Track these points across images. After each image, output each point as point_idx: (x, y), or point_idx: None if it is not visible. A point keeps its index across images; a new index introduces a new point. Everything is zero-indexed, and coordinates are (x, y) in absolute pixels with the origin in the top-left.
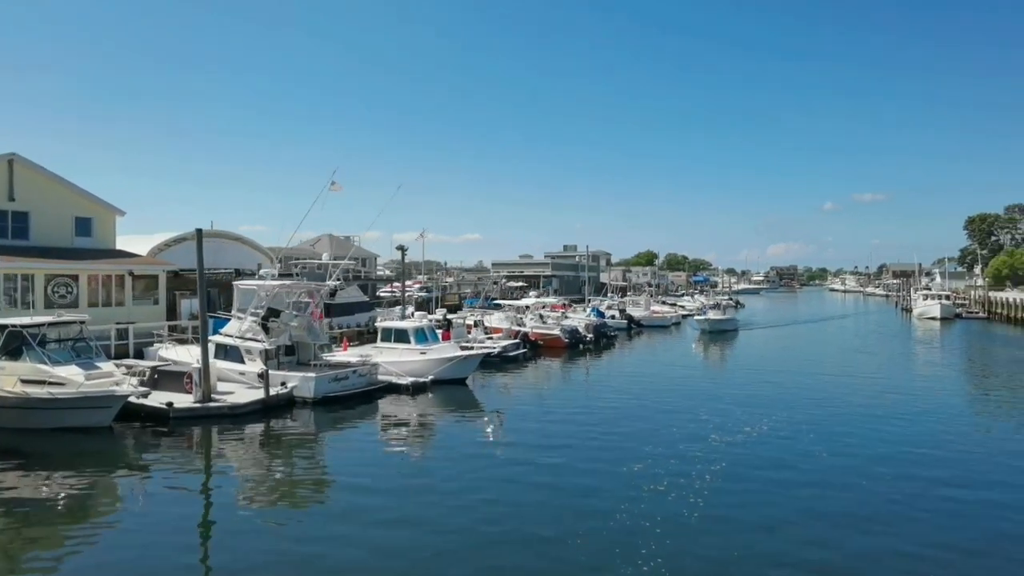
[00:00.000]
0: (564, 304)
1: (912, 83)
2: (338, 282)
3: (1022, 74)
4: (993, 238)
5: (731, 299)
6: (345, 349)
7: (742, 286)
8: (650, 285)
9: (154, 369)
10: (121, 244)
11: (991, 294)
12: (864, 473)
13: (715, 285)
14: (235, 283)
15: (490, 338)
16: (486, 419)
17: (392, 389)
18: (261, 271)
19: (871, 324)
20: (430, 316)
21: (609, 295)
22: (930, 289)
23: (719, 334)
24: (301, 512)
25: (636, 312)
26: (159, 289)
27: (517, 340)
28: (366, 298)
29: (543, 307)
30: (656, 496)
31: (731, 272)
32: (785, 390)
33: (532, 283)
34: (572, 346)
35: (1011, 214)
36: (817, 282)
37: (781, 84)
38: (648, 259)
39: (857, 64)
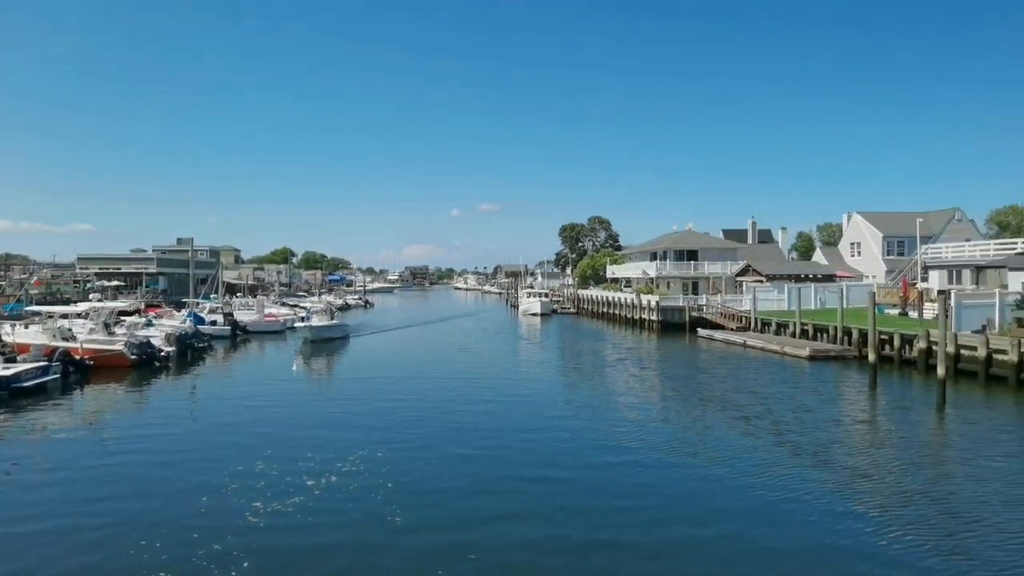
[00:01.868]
0: (147, 306)
1: (517, 103)
2: None
3: (601, 108)
4: (580, 244)
5: (361, 299)
6: None
7: (377, 285)
8: (281, 284)
9: None
10: None
11: (579, 292)
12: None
13: (351, 284)
14: None
15: (13, 359)
16: None
17: None
18: None
19: (485, 321)
20: None
21: (214, 296)
22: (533, 288)
23: (324, 343)
24: None
25: (246, 316)
26: None
27: (50, 361)
28: None
29: (113, 312)
30: None
31: (370, 271)
32: (379, 412)
33: (133, 282)
34: (144, 363)
35: (592, 224)
36: (445, 281)
37: (420, 96)
38: (284, 256)
39: (484, 82)
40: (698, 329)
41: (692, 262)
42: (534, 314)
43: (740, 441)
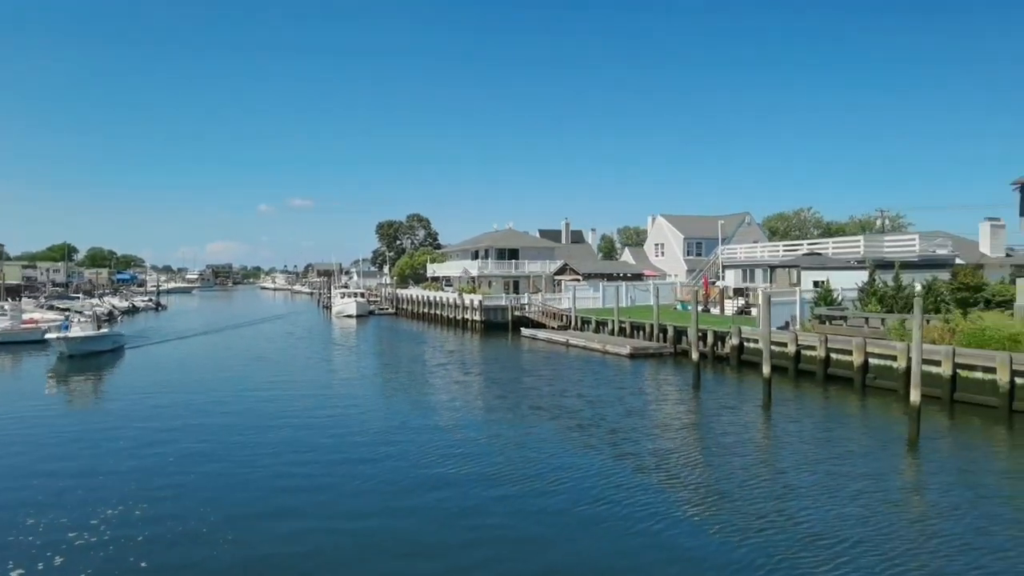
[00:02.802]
0: None
1: (327, 96)
2: None
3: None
4: (398, 242)
5: (152, 300)
6: None
7: (173, 285)
8: (55, 284)
9: None
10: None
11: (398, 292)
12: None
13: (143, 284)
14: None
15: None
16: None
17: None
18: None
19: (293, 325)
20: None
21: None
22: (348, 287)
23: (89, 358)
24: None
25: None
26: None
27: None
28: None
29: None
30: None
31: (167, 270)
32: (144, 448)
33: None
34: None
35: (411, 222)
36: (251, 280)
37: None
38: (63, 253)
39: (291, 79)
40: (521, 328)
41: (513, 261)
42: (349, 316)
43: (578, 456)
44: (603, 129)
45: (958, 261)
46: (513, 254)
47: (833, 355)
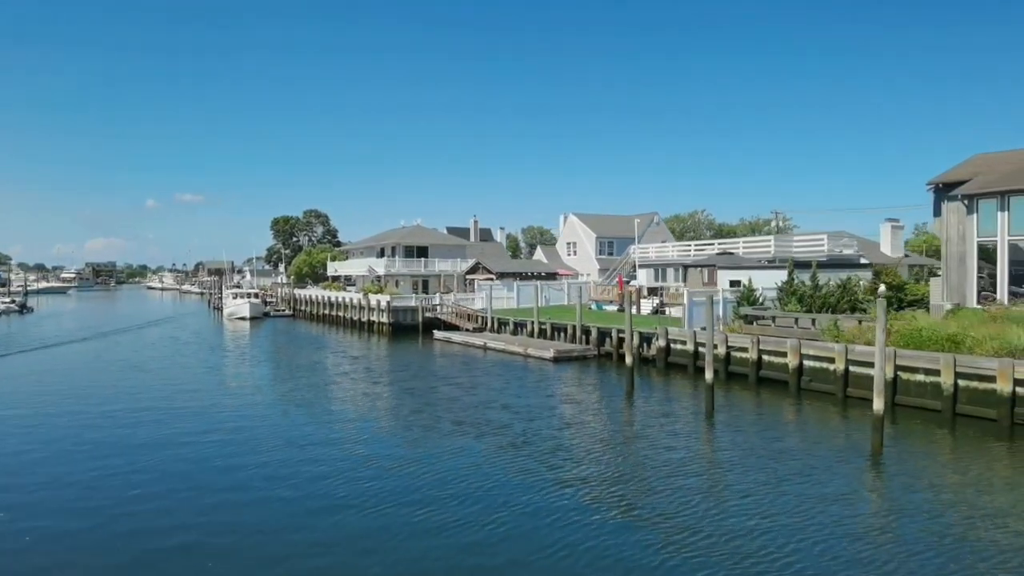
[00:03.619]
0: None
1: (214, 87)
2: None
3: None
4: (295, 239)
5: (14, 301)
6: None
7: (44, 284)
8: None
9: None
10: None
11: (296, 292)
12: None
13: (4, 284)
14: None
15: None
16: None
17: None
18: None
19: (180, 328)
20: None
21: None
22: (241, 287)
23: None
24: None
25: None
26: None
27: None
28: None
29: None
30: None
31: (40, 268)
32: None
33: None
34: None
35: (308, 218)
36: (137, 279)
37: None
38: None
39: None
40: (434, 331)
41: (423, 259)
42: (242, 318)
43: (515, 483)
44: (508, 127)
45: (863, 260)
46: (422, 252)
47: (765, 357)
